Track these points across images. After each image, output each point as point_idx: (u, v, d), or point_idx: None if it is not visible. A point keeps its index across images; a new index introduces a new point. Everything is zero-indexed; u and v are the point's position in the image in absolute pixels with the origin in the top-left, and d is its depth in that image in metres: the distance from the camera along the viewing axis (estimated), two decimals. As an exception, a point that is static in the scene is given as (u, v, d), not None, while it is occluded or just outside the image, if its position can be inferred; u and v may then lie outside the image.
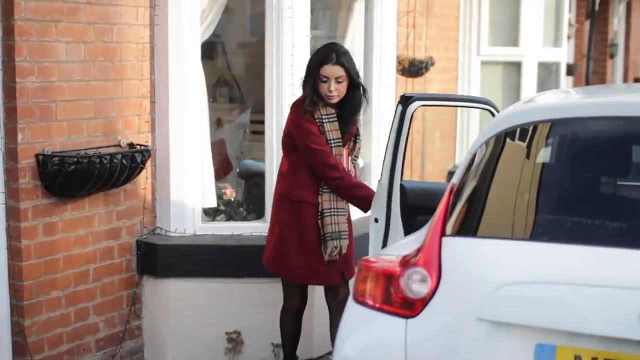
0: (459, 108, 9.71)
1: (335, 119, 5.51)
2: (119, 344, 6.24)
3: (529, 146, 3.75)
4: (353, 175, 5.66)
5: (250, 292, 6.35)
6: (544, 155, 3.77)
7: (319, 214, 5.49)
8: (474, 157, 3.80)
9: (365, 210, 5.42)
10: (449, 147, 9.94)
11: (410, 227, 4.88)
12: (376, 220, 4.93)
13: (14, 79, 5.37)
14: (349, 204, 5.61)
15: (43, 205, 5.60)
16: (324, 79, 5.45)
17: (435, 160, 9.46)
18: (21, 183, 5.46)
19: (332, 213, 5.48)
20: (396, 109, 4.97)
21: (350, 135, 5.65)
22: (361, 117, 5.80)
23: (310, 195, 5.50)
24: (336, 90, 5.47)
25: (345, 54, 5.55)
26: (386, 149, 4.96)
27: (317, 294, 6.15)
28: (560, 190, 3.61)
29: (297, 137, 5.48)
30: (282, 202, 5.61)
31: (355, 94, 5.57)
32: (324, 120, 5.47)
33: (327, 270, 5.55)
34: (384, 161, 4.96)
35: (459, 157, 9.96)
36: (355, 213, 5.95)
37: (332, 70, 5.45)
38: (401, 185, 4.96)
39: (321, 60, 5.47)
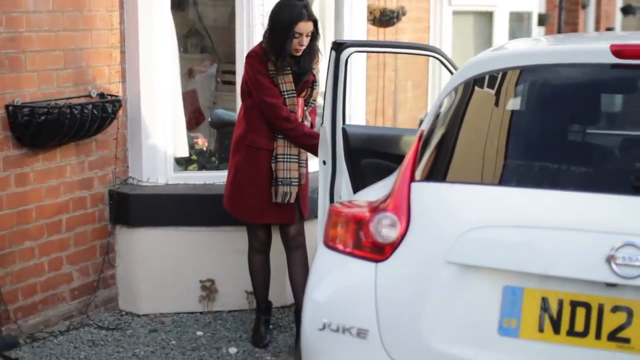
0: (430, 59, 9.73)
1: (289, 71, 5.64)
2: (93, 293, 6.27)
3: (497, 93, 3.77)
4: (309, 120, 5.80)
5: (223, 240, 6.38)
6: (512, 101, 3.79)
7: (273, 158, 5.66)
8: (442, 103, 3.83)
9: (317, 156, 5.54)
10: (421, 96, 9.95)
11: (355, 170, 5.06)
12: (324, 163, 5.08)
13: (-17, 30, 5.35)
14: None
15: (14, 156, 5.59)
16: (297, 35, 5.54)
17: (407, 109, 9.48)
18: (-9, 134, 5.46)
19: (285, 159, 5.66)
20: (330, 55, 5.06)
21: (307, 83, 5.75)
22: (319, 65, 5.86)
23: (265, 142, 5.67)
24: (304, 44, 5.59)
25: (310, 8, 5.67)
26: (325, 94, 5.06)
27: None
28: (528, 136, 3.64)
29: (252, 89, 5.63)
30: (237, 145, 5.77)
31: (313, 45, 5.68)
32: (278, 73, 5.59)
33: (279, 209, 5.73)
34: (324, 106, 5.10)
35: (430, 105, 9.96)
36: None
37: (306, 27, 5.56)
38: (343, 129, 5.05)
39: (297, 17, 5.52)
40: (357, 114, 7.83)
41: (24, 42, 5.57)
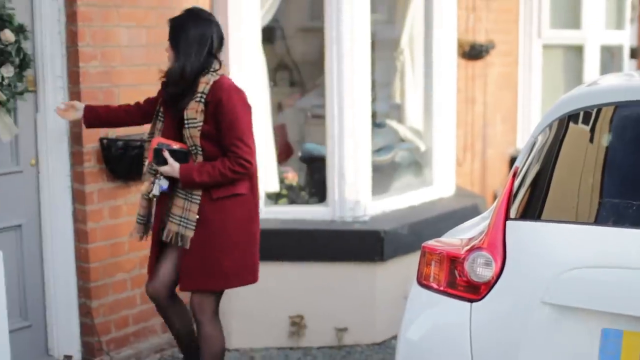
0: (520, 93, 9.74)
1: None
2: (183, 327, 6.30)
3: (592, 129, 3.71)
4: None
5: (313, 276, 6.38)
6: (607, 138, 3.73)
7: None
8: (536, 140, 3.79)
9: None
10: (510, 130, 9.87)
11: None
12: None
13: (78, 64, 5.45)
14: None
15: (108, 188, 5.67)
16: None
17: (496, 144, 9.40)
18: (86, 167, 5.55)
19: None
20: None
21: None
22: None
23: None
24: None
25: None
26: None
27: (378, 281, 6.18)
28: (624, 174, 3.57)
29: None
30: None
31: None
32: None
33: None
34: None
35: (520, 140, 9.88)
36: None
37: None
38: None
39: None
40: (446, 149, 7.79)
41: (118, 76, 5.67)
